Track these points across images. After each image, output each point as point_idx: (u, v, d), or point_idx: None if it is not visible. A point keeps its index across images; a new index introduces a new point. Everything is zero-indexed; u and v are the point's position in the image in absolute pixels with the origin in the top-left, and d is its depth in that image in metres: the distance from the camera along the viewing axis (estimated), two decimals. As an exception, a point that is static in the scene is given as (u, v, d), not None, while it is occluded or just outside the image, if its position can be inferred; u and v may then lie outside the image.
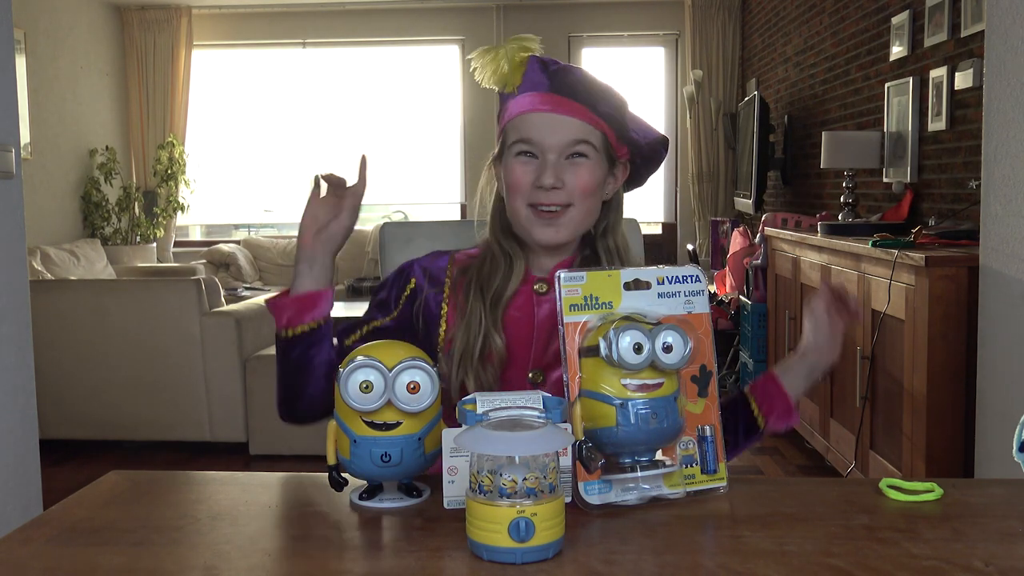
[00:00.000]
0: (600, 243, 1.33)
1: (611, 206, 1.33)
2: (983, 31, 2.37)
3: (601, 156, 1.26)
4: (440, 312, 1.30)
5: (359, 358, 0.95)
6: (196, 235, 8.05)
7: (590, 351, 0.95)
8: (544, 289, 1.29)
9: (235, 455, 3.99)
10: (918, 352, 2.50)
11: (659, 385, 0.94)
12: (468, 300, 1.27)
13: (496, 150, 1.31)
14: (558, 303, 0.98)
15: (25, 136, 5.94)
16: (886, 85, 3.85)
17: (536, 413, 0.92)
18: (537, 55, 1.26)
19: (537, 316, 1.28)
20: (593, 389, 0.95)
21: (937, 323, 2.44)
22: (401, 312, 1.32)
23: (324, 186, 1.23)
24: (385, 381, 0.93)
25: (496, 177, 1.32)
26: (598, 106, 1.24)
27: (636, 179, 1.37)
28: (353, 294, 6.74)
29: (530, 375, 1.26)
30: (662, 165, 1.43)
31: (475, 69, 1.28)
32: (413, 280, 1.33)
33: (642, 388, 0.94)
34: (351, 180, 1.25)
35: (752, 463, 3.80)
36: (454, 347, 1.24)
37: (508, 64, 1.25)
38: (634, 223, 1.55)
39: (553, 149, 1.23)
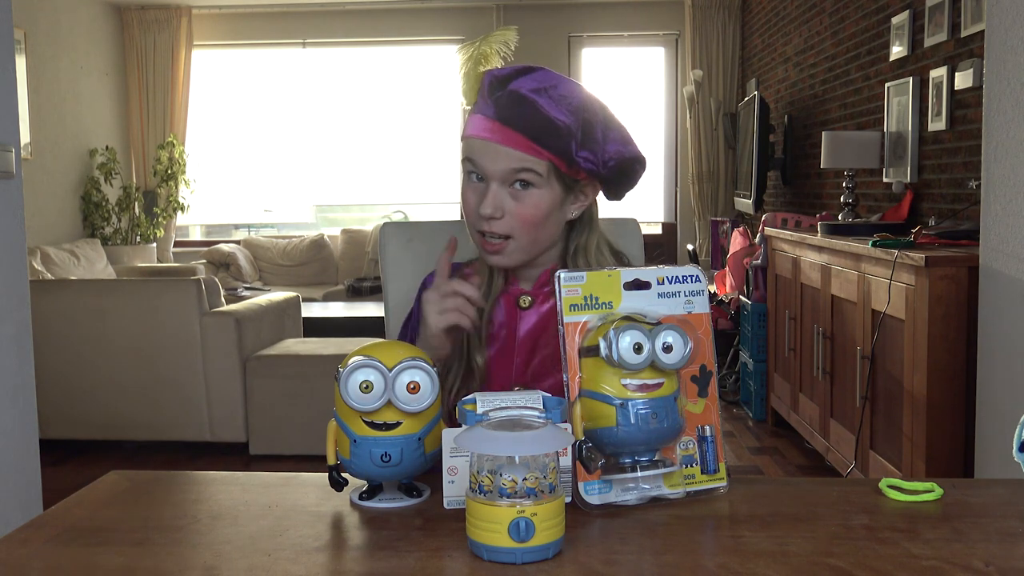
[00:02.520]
0: (571, 263, 1.30)
1: (581, 225, 1.30)
2: (983, 31, 2.37)
3: (551, 182, 1.22)
4: None
5: (359, 358, 0.95)
6: (196, 235, 8.06)
7: (590, 351, 0.95)
8: (527, 303, 1.28)
9: (235, 455, 4.00)
10: (918, 352, 2.50)
11: (659, 385, 0.94)
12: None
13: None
14: (558, 303, 0.98)
15: (25, 136, 5.94)
16: (886, 85, 3.85)
17: (536, 413, 0.92)
18: (495, 70, 1.23)
19: (519, 332, 1.27)
20: (593, 389, 0.95)
21: (937, 323, 2.44)
22: None
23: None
24: (385, 381, 0.93)
25: None
26: (542, 139, 1.19)
27: (611, 193, 1.30)
28: (353, 294, 6.74)
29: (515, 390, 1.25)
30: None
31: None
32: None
33: (642, 388, 0.94)
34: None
35: (752, 463, 3.80)
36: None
37: (472, 75, 1.25)
38: (634, 223, 1.55)
39: (495, 176, 1.21)
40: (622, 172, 1.25)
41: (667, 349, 0.94)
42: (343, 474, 0.99)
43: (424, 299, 1.18)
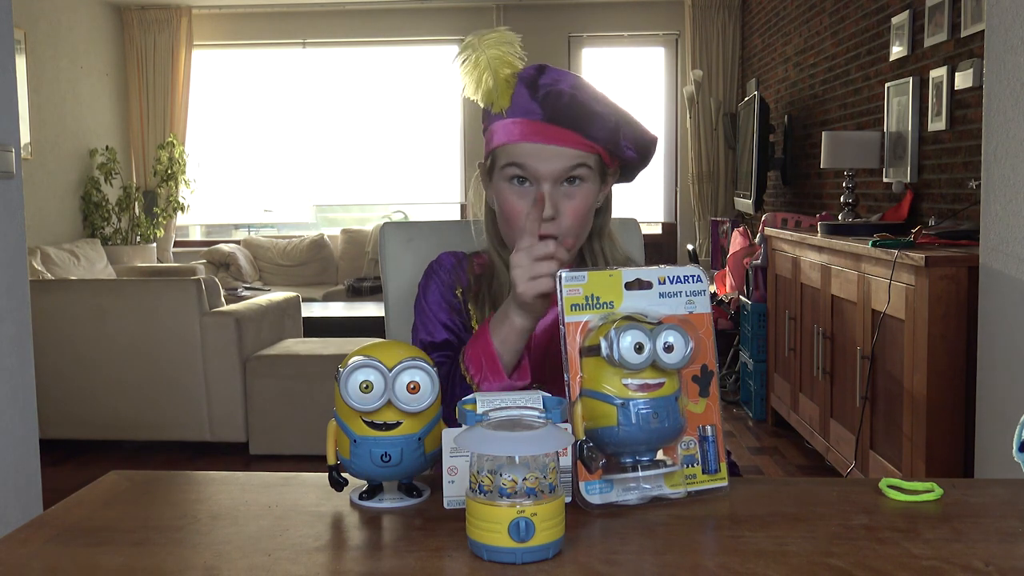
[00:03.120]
0: (586, 247, 1.32)
1: (600, 210, 1.32)
2: (983, 31, 2.37)
3: (595, 175, 1.24)
4: (470, 311, 1.31)
5: (359, 358, 0.95)
6: (196, 235, 8.06)
7: (591, 351, 0.95)
8: None
9: (235, 455, 3.99)
10: (918, 352, 2.50)
11: (660, 385, 0.94)
12: (484, 316, 1.28)
13: (485, 164, 1.29)
14: (559, 303, 0.98)
15: (25, 136, 5.94)
16: (886, 85, 3.85)
17: (536, 413, 0.92)
18: (520, 70, 1.21)
19: (535, 332, 1.27)
20: (594, 389, 0.95)
21: (937, 323, 2.44)
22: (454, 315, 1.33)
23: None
24: (385, 381, 0.93)
25: (485, 189, 1.32)
26: (591, 131, 1.20)
27: (625, 177, 1.34)
28: (353, 294, 6.74)
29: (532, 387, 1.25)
30: (657, 162, 1.39)
31: (464, 83, 1.23)
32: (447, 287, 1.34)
33: (643, 388, 0.94)
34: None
35: (752, 463, 3.80)
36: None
37: (493, 80, 1.20)
38: (634, 223, 1.55)
39: (548, 178, 1.21)
40: (644, 155, 1.28)
41: (668, 349, 0.94)
42: (343, 474, 0.98)
43: (513, 263, 1.12)
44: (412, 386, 0.94)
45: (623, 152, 1.25)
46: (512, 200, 1.23)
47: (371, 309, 5.70)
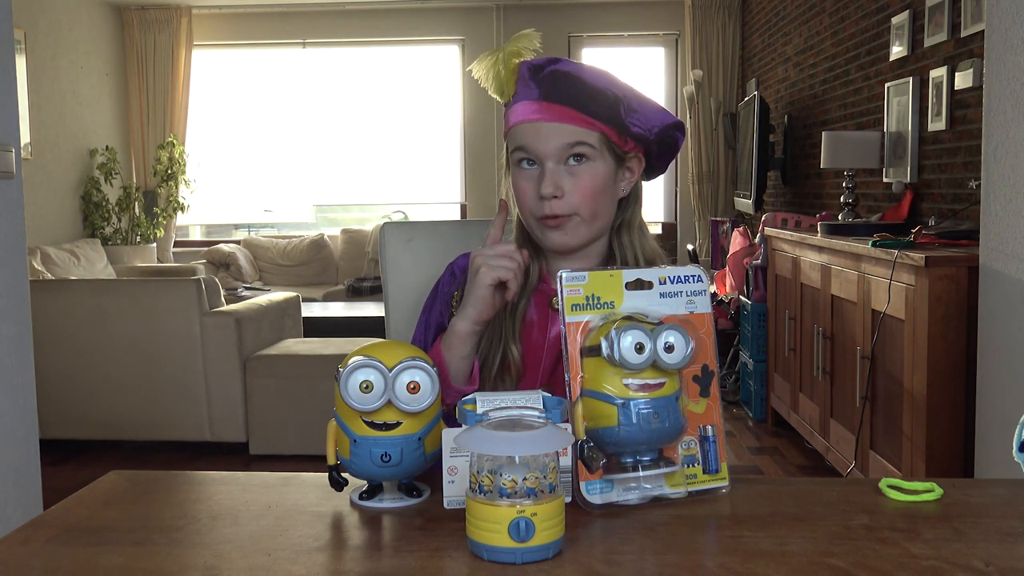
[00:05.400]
0: (615, 240, 1.30)
1: (627, 201, 1.30)
2: (983, 31, 2.37)
3: (604, 154, 1.23)
4: None
5: (359, 358, 0.95)
6: (196, 235, 8.05)
7: (592, 351, 0.95)
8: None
9: (235, 455, 4.00)
10: (918, 352, 2.50)
11: (661, 385, 0.94)
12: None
13: (506, 156, 1.30)
14: (560, 303, 0.98)
15: (25, 136, 5.94)
16: (886, 85, 3.85)
17: (536, 413, 0.92)
18: (528, 60, 1.24)
19: (549, 334, 1.26)
20: (595, 389, 0.95)
21: (937, 323, 2.44)
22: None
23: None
24: (385, 381, 0.93)
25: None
26: (590, 107, 1.21)
27: (654, 168, 1.33)
28: (353, 294, 6.74)
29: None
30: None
31: (478, 78, 1.26)
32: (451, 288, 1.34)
33: (644, 388, 0.94)
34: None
35: (752, 463, 3.80)
36: (479, 353, 1.24)
37: (504, 70, 1.24)
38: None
39: (550, 156, 1.21)
40: (667, 139, 1.27)
41: (669, 349, 0.94)
42: (343, 474, 0.98)
43: (474, 255, 1.18)
44: (412, 386, 0.94)
45: (629, 128, 1.23)
46: (520, 183, 1.25)
47: (371, 309, 5.70)
